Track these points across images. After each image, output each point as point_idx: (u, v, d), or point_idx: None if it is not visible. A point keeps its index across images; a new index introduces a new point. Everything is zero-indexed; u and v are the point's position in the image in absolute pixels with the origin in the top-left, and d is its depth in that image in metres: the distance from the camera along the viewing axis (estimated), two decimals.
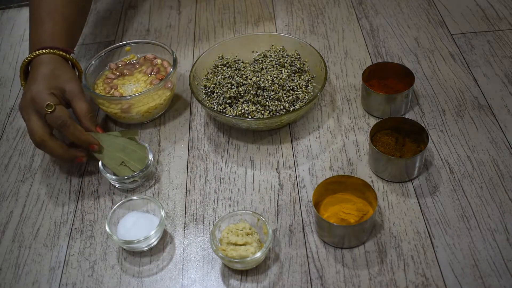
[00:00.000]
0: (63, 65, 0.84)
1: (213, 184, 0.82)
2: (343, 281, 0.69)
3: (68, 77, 0.83)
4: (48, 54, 0.84)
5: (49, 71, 0.82)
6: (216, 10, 1.16)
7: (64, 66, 0.85)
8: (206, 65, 0.94)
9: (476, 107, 0.88)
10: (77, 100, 0.82)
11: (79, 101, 0.82)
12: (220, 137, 0.89)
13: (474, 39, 1.01)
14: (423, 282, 0.68)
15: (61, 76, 0.83)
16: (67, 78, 0.83)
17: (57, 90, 0.81)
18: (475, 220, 0.73)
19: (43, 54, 0.84)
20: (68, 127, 0.79)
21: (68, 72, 0.84)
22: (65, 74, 0.83)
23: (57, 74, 0.82)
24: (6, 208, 0.83)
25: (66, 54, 0.86)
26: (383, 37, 1.04)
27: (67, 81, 0.82)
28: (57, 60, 0.84)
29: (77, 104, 0.82)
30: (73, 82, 0.83)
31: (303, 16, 1.12)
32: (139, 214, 0.76)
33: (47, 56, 0.84)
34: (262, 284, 0.69)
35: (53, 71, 0.82)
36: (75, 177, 0.86)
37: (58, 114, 0.78)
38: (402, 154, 0.79)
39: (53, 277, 0.73)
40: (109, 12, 1.20)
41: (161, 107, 0.91)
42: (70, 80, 0.83)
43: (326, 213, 0.74)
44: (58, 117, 0.78)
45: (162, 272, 0.72)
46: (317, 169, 0.82)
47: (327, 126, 0.88)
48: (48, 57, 0.84)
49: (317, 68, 0.91)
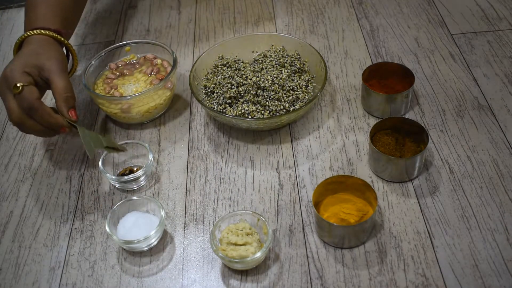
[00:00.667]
0: (48, 44, 0.81)
1: (213, 184, 0.82)
2: (343, 281, 0.69)
3: (50, 55, 0.79)
4: (38, 34, 0.81)
5: (30, 50, 0.79)
6: (216, 10, 1.16)
7: (48, 45, 0.81)
8: (206, 65, 0.94)
9: (476, 107, 0.88)
10: (54, 78, 0.77)
11: (56, 79, 0.77)
12: (220, 137, 0.89)
13: (474, 39, 1.01)
14: (423, 282, 0.68)
15: (42, 54, 0.78)
16: (48, 56, 0.78)
17: (32, 69, 0.77)
18: (475, 220, 0.73)
19: (33, 35, 0.81)
20: (36, 110, 0.74)
21: (51, 50, 0.80)
22: (47, 52, 0.79)
23: (37, 52, 0.78)
24: (6, 208, 0.83)
25: (57, 35, 0.83)
26: (383, 37, 1.04)
27: (47, 59, 0.78)
28: (45, 40, 0.81)
29: (54, 81, 0.77)
30: (54, 60, 0.78)
31: (303, 16, 1.12)
32: (139, 214, 0.76)
33: (37, 37, 0.81)
34: (262, 284, 0.69)
35: (34, 50, 0.79)
36: (75, 177, 0.86)
37: (25, 95, 0.74)
38: (402, 154, 0.79)
39: (53, 277, 0.73)
40: (109, 12, 1.20)
41: (161, 107, 0.91)
42: (50, 58, 0.78)
43: (326, 213, 0.74)
44: (25, 98, 0.74)
45: (162, 272, 0.72)
46: (317, 169, 0.82)
47: (327, 126, 0.88)
48: (38, 37, 0.81)
49: (317, 68, 0.91)
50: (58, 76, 0.77)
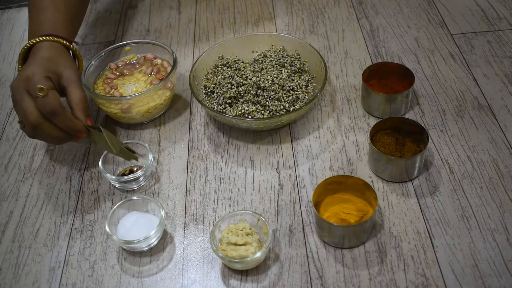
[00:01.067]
0: (63, 52, 0.83)
1: (213, 184, 0.82)
2: (343, 281, 0.69)
3: (66, 64, 0.81)
4: (49, 41, 0.82)
5: (49, 55, 0.81)
6: (216, 10, 1.16)
7: (64, 52, 0.83)
8: (206, 65, 0.94)
9: (476, 107, 0.88)
10: (72, 87, 0.79)
11: (74, 89, 0.79)
12: (220, 137, 0.89)
13: (474, 39, 1.01)
14: (423, 282, 0.68)
15: (60, 61, 0.81)
16: (66, 64, 0.81)
17: (53, 75, 0.79)
18: (475, 220, 0.73)
19: (44, 41, 0.82)
20: (58, 115, 0.75)
21: (67, 59, 0.83)
22: (64, 60, 0.81)
23: (56, 59, 0.81)
24: (6, 208, 0.83)
25: (67, 43, 0.84)
26: (383, 37, 1.04)
27: (65, 67, 0.80)
28: (58, 47, 0.83)
29: (72, 91, 0.79)
30: (71, 69, 0.81)
31: (303, 16, 1.12)
32: (139, 214, 0.76)
33: (48, 43, 0.82)
34: (262, 284, 0.69)
35: (52, 56, 0.81)
36: (75, 177, 0.86)
37: (50, 100, 0.75)
38: (402, 154, 0.79)
39: (53, 277, 0.73)
40: (109, 12, 1.20)
41: (161, 107, 0.91)
42: (68, 67, 0.81)
43: (326, 213, 0.74)
44: (49, 103, 0.75)
45: (162, 272, 0.72)
46: (317, 169, 0.82)
47: (327, 126, 0.88)
48: (49, 44, 0.82)
49: (317, 68, 0.91)
50: (75, 86, 0.80)
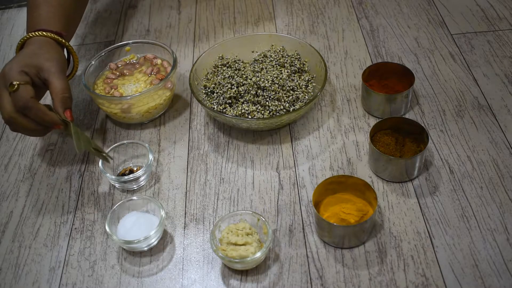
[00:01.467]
0: (48, 46, 0.82)
1: (213, 184, 0.82)
2: (343, 281, 0.69)
3: (49, 56, 0.80)
4: (40, 36, 0.82)
5: (30, 50, 0.80)
6: (216, 10, 1.16)
7: (49, 46, 0.82)
8: (206, 65, 0.94)
9: (476, 107, 0.88)
10: (52, 79, 0.78)
11: (54, 80, 0.78)
12: (220, 137, 0.89)
13: (474, 39, 1.01)
14: (423, 282, 0.68)
15: (41, 54, 0.79)
16: (47, 57, 0.79)
17: (30, 68, 0.78)
18: (475, 220, 0.73)
19: (35, 36, 0.82)
20: (30, 108, 0.75)
21: (51, 51, 0.81)
22: (46, 53, 0.80)
23: (37, 53, 0.80)
24: (6, 208, 0.83)
25: (58, 37, 0.83)
26: (383, 37, 1.04)
27: (46, 60, 0.79)
28: (46, 41, 0.82)
29: (52, 82, 0.78)
30: (53, 61, 0.79)
31: (303, 16, 1.12)
32: (139, 214, 0.76)
33: (38, 38, 0.82)
34: (262, 284, 0.69)
35: (34, 50, 0.80)
36: (75, 177, 0.86)
37: (21, 94, 0.75)
38: (402, 154, 0.79)
39: (53, 277, 0.73)
40: (109, 12, 1.20)
41: (161, 107, 0.91)
42: (49, 59, 0.79)
43: (326, 213, 0.73)
44: (22, 97, 0.74)
45: (162, 272, 0.72)
46: (317, 169, 0.82)
47: (327, 126, 0.88)
48: (39, 38, 0.82)
49: (317, 68, 0.91)
50: (56, 77, 0.78)
